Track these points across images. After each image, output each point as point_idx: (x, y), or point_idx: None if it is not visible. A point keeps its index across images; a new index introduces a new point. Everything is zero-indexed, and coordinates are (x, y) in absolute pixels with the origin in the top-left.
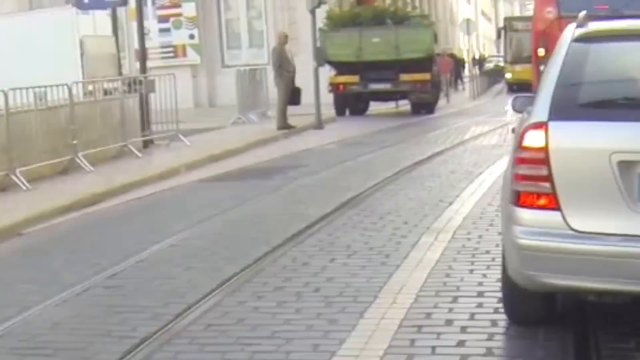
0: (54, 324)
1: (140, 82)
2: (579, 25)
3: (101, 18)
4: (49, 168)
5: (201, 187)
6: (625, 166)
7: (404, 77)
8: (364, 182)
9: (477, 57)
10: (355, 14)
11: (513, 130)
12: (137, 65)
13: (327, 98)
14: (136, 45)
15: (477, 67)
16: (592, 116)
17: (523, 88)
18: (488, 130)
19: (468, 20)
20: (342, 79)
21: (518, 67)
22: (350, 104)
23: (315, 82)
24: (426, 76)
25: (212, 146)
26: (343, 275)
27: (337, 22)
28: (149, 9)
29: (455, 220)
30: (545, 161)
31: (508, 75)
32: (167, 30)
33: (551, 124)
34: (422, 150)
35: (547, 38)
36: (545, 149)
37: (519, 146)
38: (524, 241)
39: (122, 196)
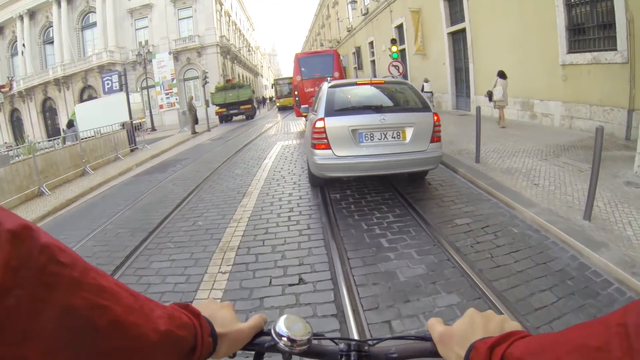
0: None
1: (132, 123)
2: (329, 82)
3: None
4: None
5: (133, 181)
6: (353, 130)
7: (242, 107)
8: (220, 160)
9: (266, 97)
10: (224, 85)
11: (306, 119)
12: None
13: (215, 118)
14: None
15: (268, 100)
16: (338, 114)
17: (286, 108)
18: (275, 124)
19: (266, 86)
20: (220, 109)
21: (281, 100)
22: (223, 118)
23: (206, 112)
24: (250, 106)
25: (157, 148)
26: (225, 198)
27: (218, 88)
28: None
29: (269, 164)
30: (325, 132)
31: (277, 103)
32: (168, 95)
33: (325, 118)
34: (249, 136)
35: (297, 86)
36: (324, 127)
37: (314, 127)
38: (319, 161)
39: (105, 185)
